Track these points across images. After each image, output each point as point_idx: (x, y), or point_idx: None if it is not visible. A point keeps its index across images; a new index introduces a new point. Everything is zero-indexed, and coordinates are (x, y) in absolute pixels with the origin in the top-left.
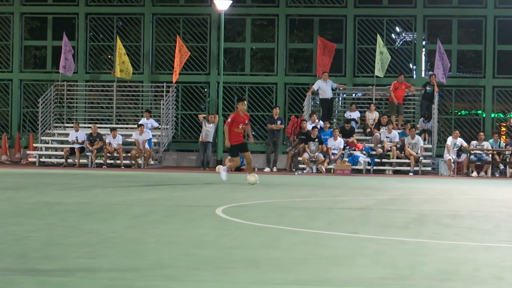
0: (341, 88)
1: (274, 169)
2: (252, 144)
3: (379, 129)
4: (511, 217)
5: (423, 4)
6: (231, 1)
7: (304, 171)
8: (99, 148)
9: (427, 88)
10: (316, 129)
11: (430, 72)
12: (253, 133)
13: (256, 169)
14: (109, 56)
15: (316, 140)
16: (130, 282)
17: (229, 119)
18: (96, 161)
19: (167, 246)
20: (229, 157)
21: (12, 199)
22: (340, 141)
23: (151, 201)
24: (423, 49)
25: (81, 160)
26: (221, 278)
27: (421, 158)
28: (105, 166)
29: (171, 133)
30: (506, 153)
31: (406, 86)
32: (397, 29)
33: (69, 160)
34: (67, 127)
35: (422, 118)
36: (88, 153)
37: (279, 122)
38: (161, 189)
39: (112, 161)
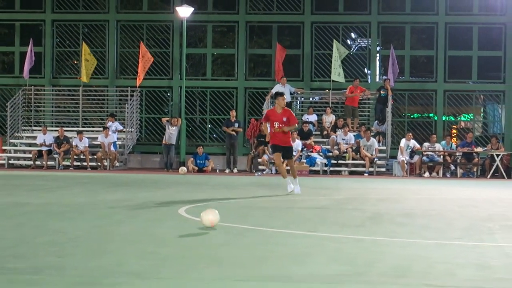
0: (298, 92)
1: (235, 170)
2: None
3: (335, 132)
4: (462, 215)
5: (377, 11)
6: (193, 9)
7: (264, 172)
8: (66, 150)
9: (381, 92)
10: None
11: (384, 77)
12: (214, 135)
13: (218, 170)
14: (75, 62)
15: None
16: (96, 279)
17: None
18: (63, 163)
19: (131, 244)
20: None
21: None
22: (298, 143)
23: (116, 201)
24: (378, 55)
25: (48, 162)
26: (184, 275)
27: (375, 159)
28: (72, 168)
29: (136, 135)
30: (457, 154)
31: (361, 90)
32: (353, 35)
33: (37, 162)
34: (35, 130)
35: (376, 121)
36: (56, 155)
37: (236, 124)
38: (126, 190)
39: (78, 163)
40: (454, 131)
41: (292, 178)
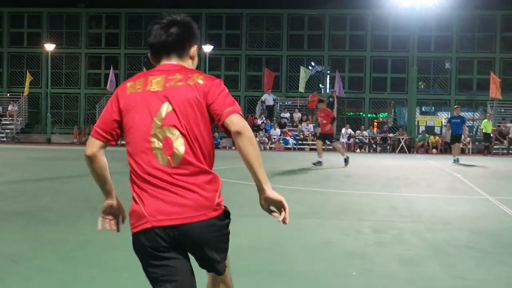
0: (278, 99)
1: None
2: None
3: (301, 124)
4: (380, 176)
5: (328, 48)
6: (212, 47)
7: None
8: None
9: (330, 99)
10: (264, 124)
11: (332, 90)
12: None
13: None
14: None
15: (263, 129)
16: None
17: None
18: None
19: None
20: None
21: (78, 166)
22: (277, 131)
23: None
24: (328, 76)
25: (122, 142)
26: None
27: (326, 141)
28: None
29: None
30: (377, 138)
31: (317, 98)
32: (312, 63)
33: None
34: None
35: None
36: None
37: None
38: None
39: None
40: (375, 123)
41: None
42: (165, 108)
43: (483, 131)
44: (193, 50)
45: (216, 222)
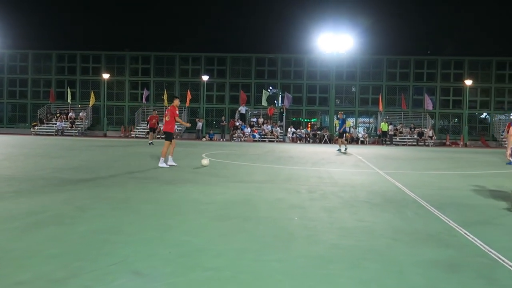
0: (249, 109)
1: (224, 139)
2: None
3: (263, 125)
4: (311, 157)
5: (280, 78)
6: (208, 77)
7: (236, 140)
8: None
9: (281, 110)
10: (240, 125)
11: (282, 104)
12: (216, 125)
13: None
14: (162, 97)
15: (240, 128)
16: (180, 170)
17: (177, 112)
18: (157, 136)
19: (191, 164)
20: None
21: (123, 150)
22: (249, 129)
23: (180, 151)
24: (280, 95)
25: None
26: (215, 179)
27: (279, 136)
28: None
29: (184, 128)
30: (310, 134)
31: (273, 109)
32: (270, 87)
33: (146, 136)
34: (145, 123)
35: (279, 121)
36: (153, 133)
37: (224, 120)
38: (185, 147)
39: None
40: (309, 125)
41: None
42: None
43: (382, 129)
44: None
45: None
